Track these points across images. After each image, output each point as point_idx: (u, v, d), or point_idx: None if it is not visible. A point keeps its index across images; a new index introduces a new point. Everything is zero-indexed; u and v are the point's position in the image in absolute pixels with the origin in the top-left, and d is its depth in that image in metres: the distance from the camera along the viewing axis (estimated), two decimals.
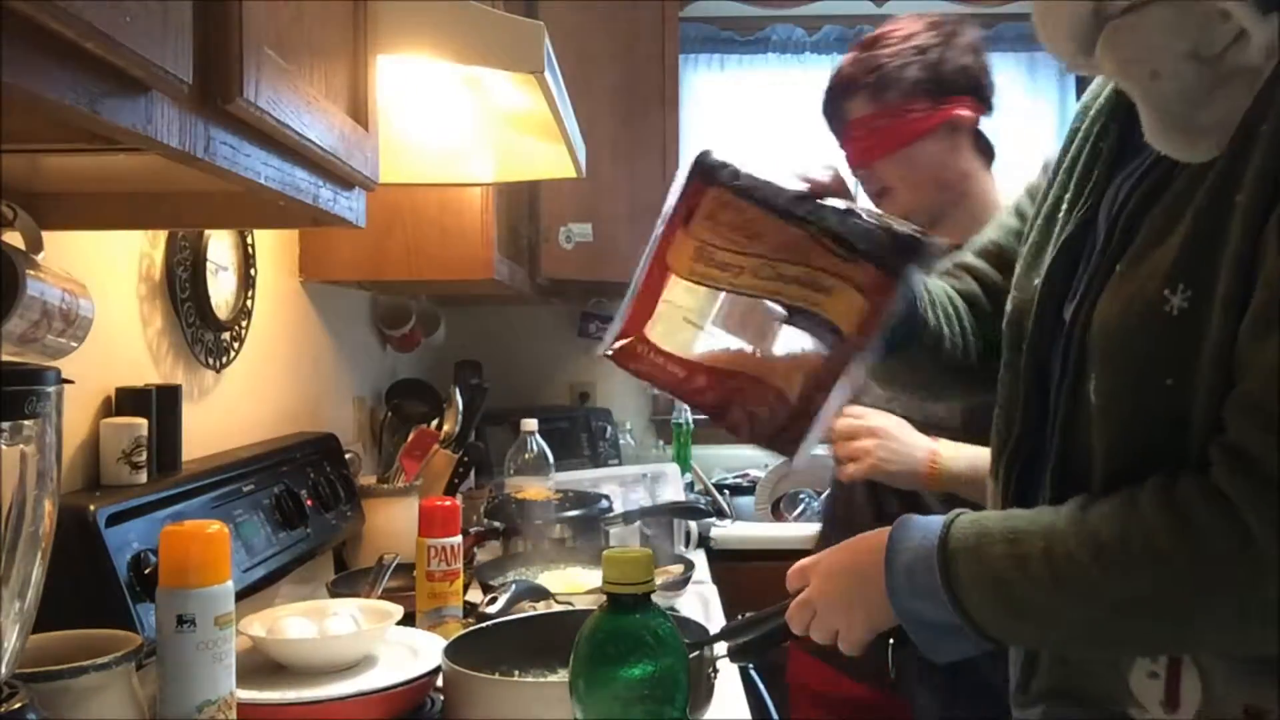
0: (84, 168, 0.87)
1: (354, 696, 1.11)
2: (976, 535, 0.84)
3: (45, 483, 0.76)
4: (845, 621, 0.95)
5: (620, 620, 0.84)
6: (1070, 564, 0.78)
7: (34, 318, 0.88)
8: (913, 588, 0.87)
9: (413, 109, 1.44)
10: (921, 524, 0.89)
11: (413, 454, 2.03)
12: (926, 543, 0.87)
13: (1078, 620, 0.80)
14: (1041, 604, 0.80)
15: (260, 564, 1.39)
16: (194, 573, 0.91)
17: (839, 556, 0.98)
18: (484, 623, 1.32)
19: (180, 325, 1.44)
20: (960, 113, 1.67)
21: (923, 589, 0.86)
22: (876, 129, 1.67)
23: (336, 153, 0.88)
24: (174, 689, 0.91)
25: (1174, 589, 0.75)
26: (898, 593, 0.88)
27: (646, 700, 0.82)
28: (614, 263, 2.73)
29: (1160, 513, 0.75)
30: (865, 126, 1.68)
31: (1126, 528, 0.76)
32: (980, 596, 0.83)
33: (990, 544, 0.83)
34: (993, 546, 0.82)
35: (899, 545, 0.89)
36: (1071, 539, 0.78)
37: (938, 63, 1.66)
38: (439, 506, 1.48)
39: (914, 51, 1.66)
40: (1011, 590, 0.81)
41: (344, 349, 2.26)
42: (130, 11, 0.52)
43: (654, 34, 2.82)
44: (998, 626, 0.84)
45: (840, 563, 0.97)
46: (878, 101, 1.66)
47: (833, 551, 0.99)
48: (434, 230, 1.91)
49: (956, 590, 0.84)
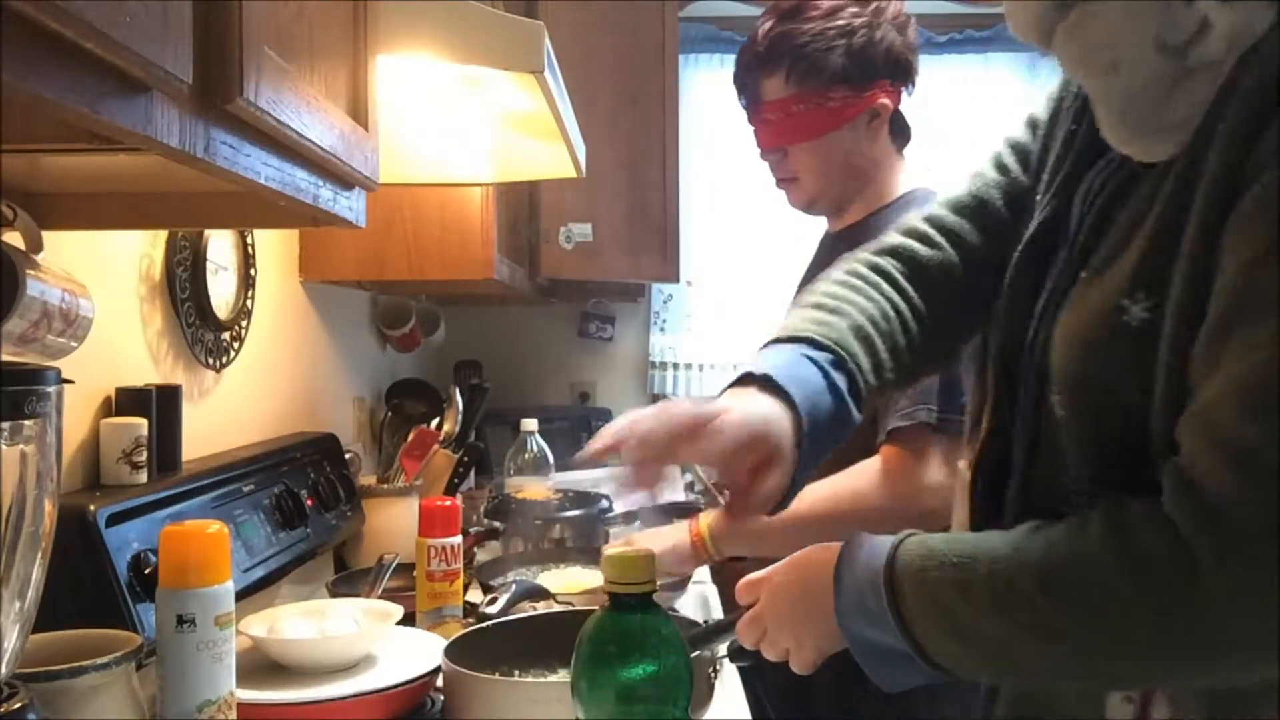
0: (84, 168, 0.87)
1: (354, 696, 1.11)
2: (922, 558, 0.79)
3: (45, 483, 0.76)
4: (794, 642, 0.91)
5: (622, 620, 0.84)
6: (1011, 592, 0.73)
7: (34, 318, 0.88)
8: (861, 611, 0.82)
9: (413, 109, 1.44)
10: (870, 544, 0.84)
11: (413, 454, 2.03)
12: (874, 563, 0.82)
13: (1025, 652, 0.75)
14: (987, 633, 0.75)
15: (260, 564, 1.39)
16: (194, 573, 0.91)
17: (788, 573, 0.92)
18: (484, 623, 1.32)
19: (180, 325, 1.44)
20: (882, 100, 1.59)
21: (871, 613, 0.81)
22: (793, 114, 1.57)
23: (336, 153, 0.88)
24: (174, 689, 0.91)
25: (1119, 622, 0.70)
26: (845, 615, 0.83)
27: (648, 700, 0.82)
28: (614, 263, 2.74)
29: (1106, 541, 0.70)
30: (781, 110, 1.58)
31: (1073, 555, 0.72)
32: (926, 623, 0.78)
33: (934, 568, 0.78)
34: (937, 570, 0.78)
35: (846, 564, 0.84)
36: (1014, 565, 0.74)
37: (864, 45, 1.55)
38: (439, 506, 1.48)
39: (838, 33, 1.54)
40: (956, 617, 0.76)
41: (344, 349, 2.26)
42: (130, 11, 0.52)
43: (654, 34, 2.82)
44: (945, 654, 0.79)
45: (788, 580, 0.92)
46: (797, 85, 1.56)
47: (782, 567, 0.93)
48: (434, 230, 1.91)
49: (904, 615, 0.79)
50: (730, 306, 3.36)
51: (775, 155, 1.65)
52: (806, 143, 1.59)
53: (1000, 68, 3.34)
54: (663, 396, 3.43)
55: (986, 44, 3.34)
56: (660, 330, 3.45)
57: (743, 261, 3.32)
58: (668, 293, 3.41)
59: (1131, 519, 0.70)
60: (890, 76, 1.59)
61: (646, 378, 3.46)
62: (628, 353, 3.46)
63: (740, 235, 3.34)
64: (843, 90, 1.55)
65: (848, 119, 1.57)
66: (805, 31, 1.54)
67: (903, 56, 1.60)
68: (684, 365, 3.44)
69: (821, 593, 0.85)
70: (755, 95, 1.62)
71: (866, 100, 1.57)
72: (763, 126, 1.63)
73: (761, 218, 3.18)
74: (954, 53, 3.34)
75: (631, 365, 3.47)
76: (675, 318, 3.44)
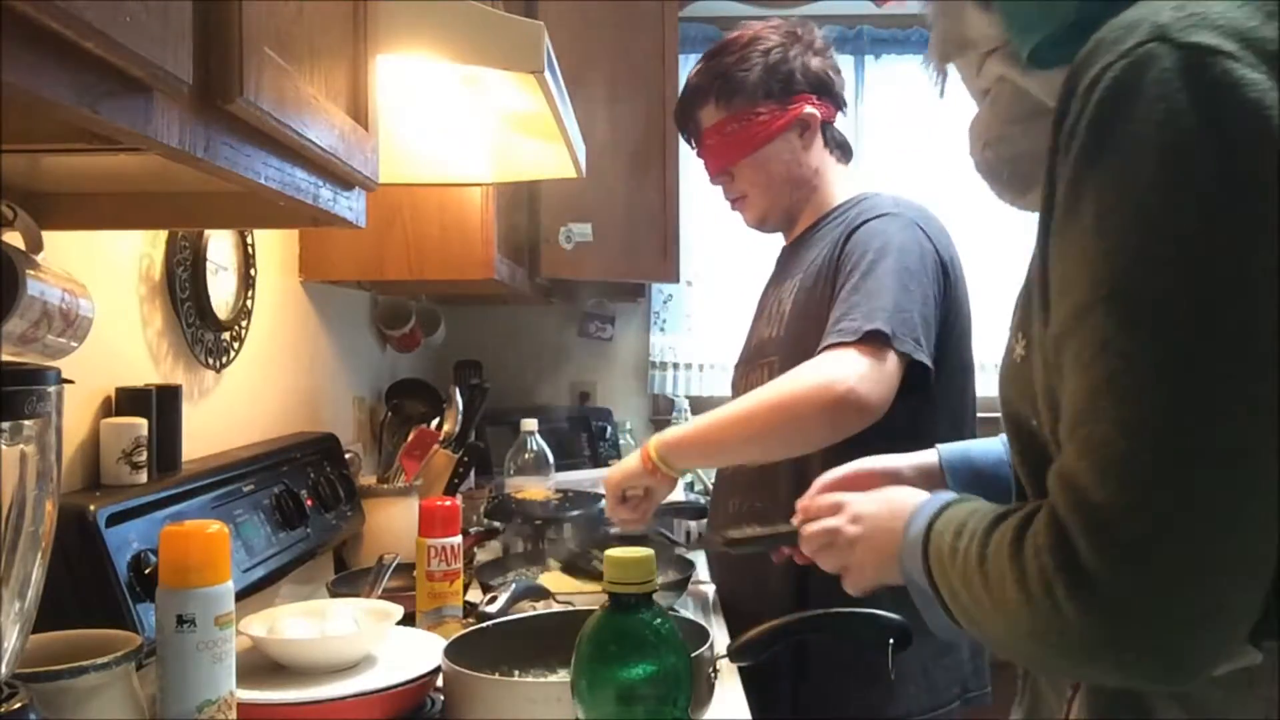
0: (84, 168, 0.87)
1: (354, 696, 1.11)
2: (947, 520, 0.86)
3: (45, 483, 0.76)
4: (858, 563, 1.02)
5: (622, 620, 0.84)
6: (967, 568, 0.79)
7: (34, 318, 0.88)
8: (913, 557, 0.89)
9: (413, 109, 1.44)
10: (937, 500, 0.92)
11: (413, 454, 2.03)
12: (929, 515, 0.89)
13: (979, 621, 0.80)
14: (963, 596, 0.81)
15: (260, 564, 1.39)
16: (194, 573, 0.91)
17: (876, 504, 1.02)
18: (484, 623, 1.32)
19: (180, 325, 1.44)
20: (809, 110, 1.70)
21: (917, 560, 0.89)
22: (728, 134, 1.71)
23: (336, 153, 0.88)
24: (174, 689, 0.91)
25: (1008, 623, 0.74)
26: (905, 557, 0.91)
27: (648, 700, 0.82)
28: (614, 263, 2.74)
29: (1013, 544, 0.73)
30: (718, 133, 1.72)
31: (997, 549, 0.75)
32: (939, 578, 0.85)
33: (950, 530, 0.84)
34: (949, 534, 0.84)
35: (917, 515, 0.91)
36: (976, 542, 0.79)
37: (780, 62, 1.69)
38: (439, 506, 1.48)
39: (759, 55, 1.69)
40: (948, 575, 0.83)
41: (344, 349, 2.26)
42: (130, 11, 0.52)
43: (654, 34, 2.82)
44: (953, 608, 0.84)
45: (875, 510, 1.02)
46: (726, 107, 1.70)
47: (871, 497, 1.03)
48: (434, 230, 1.91)
49: (930, 567, 0.86)
50: (730, 306, 3.35)
51: (724, 178, 1.77)
52: (746, 158, 1.71)
53: None
54: (663, 396, 3.43)
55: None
56: (660, 330, 3.44)
57: (743, 261, 3.32)
58: (668, 293, 3.41)
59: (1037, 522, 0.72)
60: (814, 91, 1.71)
61: (646, 378, 3.45)
62: (628, 353, 3.46)
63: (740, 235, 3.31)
64: (768, 104, 1.69)
65: (778, 131, 1.70)
66: (727, 62, 1.71)
67: (823, 74, 1.73)
68: (684, 365, 3.43)
69: (895, 533, 0.93)
70: (695, 128, 1.77)
71: (792, 113, 1.70)
72: (706, 153, 1.76)
73: None
74: None
75: (631, 365, 3.47)
76: (675, 318, 3.44)
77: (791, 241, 1.80)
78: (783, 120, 1.69)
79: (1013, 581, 0.72)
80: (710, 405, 2.98)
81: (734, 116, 1.70)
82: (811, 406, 1.43)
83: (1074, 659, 0.71)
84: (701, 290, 3.41)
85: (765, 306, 1.80)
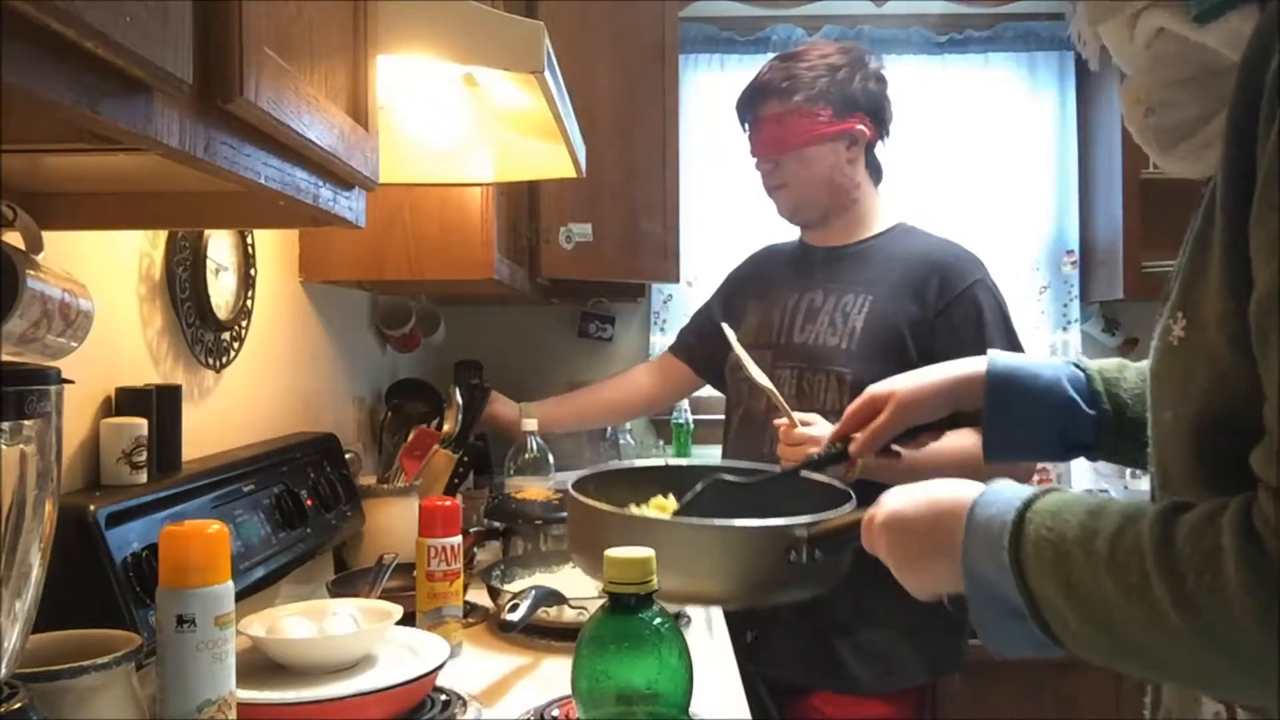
0: (84, 168, 0.87)
1: (354, 696, 1.11)
2: (1059, 504, 0.78)
3: (45, 483, 0.76)
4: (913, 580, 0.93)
5: (622, 620, 0.84)
6: (1129, 552, 0.70)
7: (34, 318, 0.88)
8: (987, 552, 0.81)
9: (413, 109, 1.44)
10: (1014, 488, 0.84)
11: (413, 454, 2.03)
12: (1014, 502, 0.81)
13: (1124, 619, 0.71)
14: (1093, 590, 0.72)
15: (260, 564, 1.39)
16: (194, 573, 0.91)
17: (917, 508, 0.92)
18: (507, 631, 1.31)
19: (180, 325, 1.44)
20: (860, 128, 1.92)
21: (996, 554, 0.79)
22: (784, 124, 1.91)
23: (336, 153, 0.88)
24: (174, 689, 0.91)
25: (1212, 624, 0.65)
26: (970, 555, 0.83)
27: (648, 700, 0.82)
28: (614, 263, 2.73)
29: (1236, 537, 0.65)
30: (775, 122, 1.92)
31: (1194, 533, 0.67)
32: (1040, 568, 0.76)
33: (1068, 512, 0.76)
34: (1069, 516, 0.76)
35: (984, 504, 0.84)
36: (1140, 529, 0.70)
37: (846, 80, 1.90)
38: (439, 506, 1.48)
39: (827, 68, 1.91)
40: (1070, 566, 0.73)
41: (344, 349, 2.26)
42: (130, 11, 0.52)
43: (654, 34, 2.82)
44: (1051, 608, 0.76)
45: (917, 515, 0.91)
46: (790, 102, 1.90)
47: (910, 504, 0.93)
48: (434, 230, 1.90)
49: (1022, 556, 0.77)
50: None
51: (768, 164, 1.97)
52: (795, 150, 1.91)
53: (1000, 68, 3.34)
54: None
55: (986, 44, 3.34)
56: (660, 330, 3.44)
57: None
58: (668, 293, 3.41)
59: (1261, 522, 0.65)
60: (868, 113, 1.93)
61: None
62: (628, 353, 3.46)
63: (740, 235, 3.33)
64: (829, 111, 1.90)
65: (830, 135, 1.90)
66: (799, 66, 1.91)
67: (879, 101, 1.95)
68: None
69: (950, 532, 0.85)
70: (755, 114, 1.96)
71: (848, 124, 1.91)
72: (760, 138, 1.96)
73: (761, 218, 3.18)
74: (954, 53, 3.34)
75: (631, 365, 3.46)
76: (675, 318, 3.43)
77: (828, 248, 1.99)
78: (837, 128, 1.90)
79: (1236, 563, 0.63)
80: (710, 405, 2.98)
81: (795, 110, 1.89)
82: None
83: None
84: (701, 290, 3.41)
85: (808, 307, 1.93)
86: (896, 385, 1.21)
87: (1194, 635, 0.66)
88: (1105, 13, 0.83)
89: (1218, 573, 0.64)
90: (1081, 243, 3.30)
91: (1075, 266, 3.31)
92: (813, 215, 1.98)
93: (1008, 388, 1.13)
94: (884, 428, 1.20)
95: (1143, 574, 0.68)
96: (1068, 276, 3.31)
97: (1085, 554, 0.73)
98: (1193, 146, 0.80)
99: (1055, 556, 0.75)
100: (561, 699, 1.26)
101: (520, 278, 2.27)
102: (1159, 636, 0.68)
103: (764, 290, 2.03)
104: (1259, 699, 0.70)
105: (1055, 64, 3.32)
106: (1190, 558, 0.66)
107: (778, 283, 2.02)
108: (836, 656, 1.79)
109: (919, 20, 3.32)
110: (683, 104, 3.01)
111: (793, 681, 1.83)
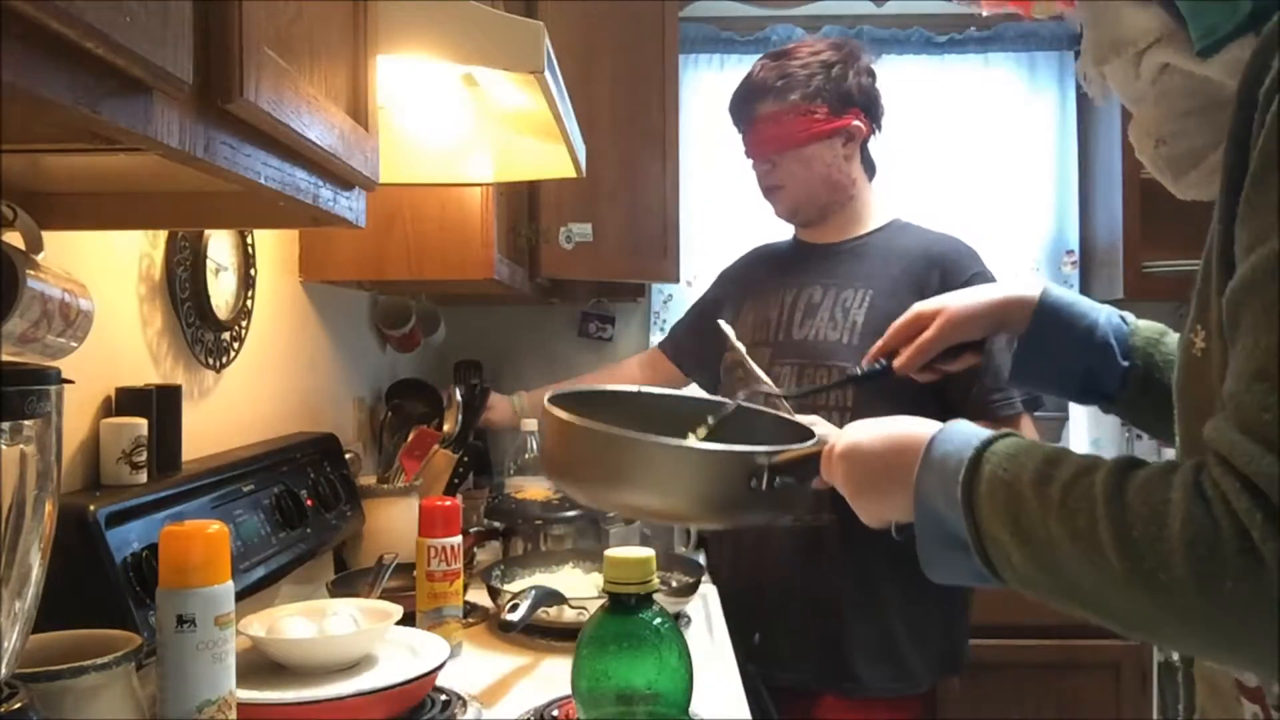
0: (84, 168, 0.87)
1: (354, 696, 1.11)
2: (1016, 448, 0.80)
3: (45, 483, 0.76)
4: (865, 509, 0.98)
5: (622, 620, 0.84)
6: (1081, 499, 0.72)
7: (34, 318, 0.88)
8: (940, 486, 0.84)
9: (413, 109, 1.44)
10: (974, 429, 0.87)
11: (413, 454, 2.03)
12: (972, 441, 0.84)
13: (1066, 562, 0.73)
14: (1041, 532, 0.74)
15: (260, 564, 1.39)
16: (194, 573, 0.91)
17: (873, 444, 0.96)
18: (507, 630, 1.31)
19: (180, 325, 1.44)
20: (856, 124, 1.92)
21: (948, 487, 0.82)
22: (782, 123, 1.90)
23: (336, 153, 0.88)
24: (174, 689, 0.91)
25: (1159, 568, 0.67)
26: (923, 484, 0.86)
27: (648, 700, 0.82)
28: (614, 263, 2.73)
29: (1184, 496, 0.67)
30: (773, 122, 1.91)
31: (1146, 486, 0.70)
32: (992, 507, 0.79)
33: (1024, 456, 0.79)
34: (1025, 459, 0.78)
35: (942, 440, 0.87)
36: (1094, 479, 0.72)
37: (841, 77, 1.90)
38: (439, 506, 1.48)
39: (820, 65, 1.90)
40: (1021, 507, 0.76)
41: (344, 349, 2.26)
42: (130, 11, 0.52)
43: (654, 34, 2.81)
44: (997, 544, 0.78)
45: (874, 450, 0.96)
46: (785, 101, 1.90)
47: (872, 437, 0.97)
48: (434, 230, 1.90)
49: (974, 493, 0.80)
50: None
51: (765, 165, 1.97)
52: (791, 150, 1.91)
53: (1000, 68, 3.34)
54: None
55: (986, 44, 3.34)
56: (660, 330, 3.44)
57: None
58: (668, 293, 3.41)
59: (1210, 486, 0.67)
60: (863, 109, 1.93)
61: None
62: (628, 353, 3.45)
63: (740, 235, 3.33)
64: (824, 108, 1.90)
65: (827, 133, 1.90)
66: (792, 64, 1.91)
67: (872, 95, 1.95)
68: None
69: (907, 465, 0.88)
70: (750, 115, 1.95)
71: (844, 120, 1.91)
72: (756, 138, 1.96)
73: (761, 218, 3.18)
74: (954, 53, 3.34)
75: None
76: (675, 317, 3.40)
77: (825, 244, 1.99)
78: (834, 125, 1.90)
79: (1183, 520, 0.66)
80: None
81: (791, 109, 1.89)
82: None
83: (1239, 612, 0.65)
84: (701, 290, 3.41)
85: (806, 303, 1.93)
86: (947, 301, 1.24)
87: (1130, 580, 0.69)
88: (1110, 54, 0.86)
89: (1163, 525, 0.67)
90: (1081, 243, 3.30)
91: (1075, 267, 3.30)
92: (812, 214, 1.98)
93: (1055, 320, 1.16)
94: (931, 341, 1.24)
95: (1091, 520, 0.71)
96: (1068, 276, 3.31)
97: (1038, 497, 0.75)
98: (1203, 173, 0.83)
99: (1009, 496, 0.78)
100: (561, 699, 1.26)
101: (520, 278, 2.27)
102: (1099, 578, 0.71)
103: (759, 288, 2.03)
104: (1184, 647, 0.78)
105: (1055, 64, 3.31)
106: (1139, 509, 0.69)
107: (773, 280, 2.01)
108: (844, 659, 1.79)
109: (919, 20, 3.32)
110: (683, 104, 3.00)
111: (799, 684, 1.83)
